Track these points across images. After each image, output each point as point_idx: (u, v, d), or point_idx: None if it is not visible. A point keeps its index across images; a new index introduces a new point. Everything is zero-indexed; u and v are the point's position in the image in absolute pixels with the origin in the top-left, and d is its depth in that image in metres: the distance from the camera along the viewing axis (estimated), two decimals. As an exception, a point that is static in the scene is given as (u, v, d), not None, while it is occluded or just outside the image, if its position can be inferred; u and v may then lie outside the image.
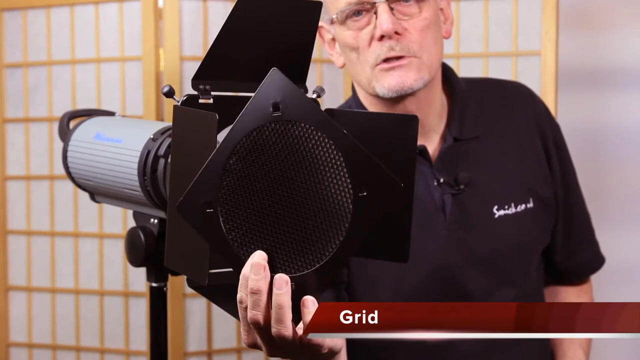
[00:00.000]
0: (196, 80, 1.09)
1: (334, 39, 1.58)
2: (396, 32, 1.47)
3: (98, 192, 1.25)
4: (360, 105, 1.58)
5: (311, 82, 1.15)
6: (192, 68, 2.35)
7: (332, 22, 1.54)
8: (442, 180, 1.54)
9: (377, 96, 1.52)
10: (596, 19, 2.68)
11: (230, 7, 1.13)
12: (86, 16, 2.46)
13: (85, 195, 1.28)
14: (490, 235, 1.56)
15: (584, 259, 1.71)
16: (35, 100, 2.52)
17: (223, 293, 1.12)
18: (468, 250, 1.55)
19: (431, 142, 1.57)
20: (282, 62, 1.14)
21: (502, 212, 1.56)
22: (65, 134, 1.28)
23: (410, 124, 1.17)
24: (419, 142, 1.53)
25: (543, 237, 1.63)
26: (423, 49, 1.49)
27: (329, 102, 2.42)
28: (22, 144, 2.54)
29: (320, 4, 1.13)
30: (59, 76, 2.49)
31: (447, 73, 1.63)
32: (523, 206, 1.58)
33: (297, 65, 1.15)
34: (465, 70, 2.36)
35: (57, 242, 2.53)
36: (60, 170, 1.28)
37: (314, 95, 1.17)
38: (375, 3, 1.46)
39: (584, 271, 1.73)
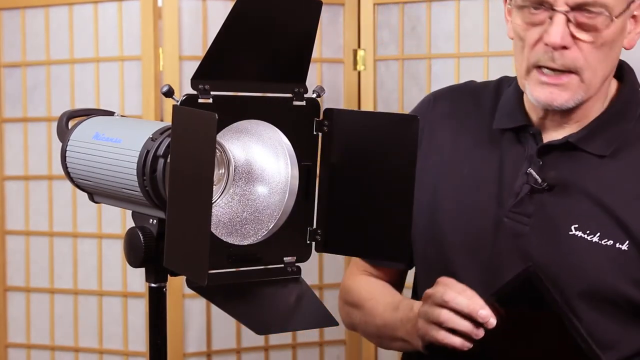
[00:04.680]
0: (195, 79, 1.08)
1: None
2: (563, 47, 1.37)
3: (97, 192, 1.24)
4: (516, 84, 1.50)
5: (311, 82, 1.15)
6: (191, 68, 2.34)
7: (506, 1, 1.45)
8: (532, 170, 1.44)
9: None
10: (596, 18, 2.67)
11: (230, 6, 1.12)
12: (85, 16, 2.45)
13: (84, 196, 1.28)
14: (555, 247, 1.43)
15: None
16: (34, 100, 2.52)
17: (222, 293, 1.12)
18: (522, 249, 1.44)
19: (555, 132, 1.48)
20: (282, 61, 1.14)
21: (579, 233, 1.42)
22: (64, 133, 1.27)
23: (411, 124, 1.16)
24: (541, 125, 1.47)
25: (633, 290, 1.44)
26: (587, 67, 1.39)
27: (329, 102, 2.42)
28: (20, 144, 2.53)
29: (321, 3, 1.13)
30: (57, 76, 2.49)
31: (627, 79, 1.50)
32: (610, 242, 1.41)
33: (297, 65, 1.14)
34: (465, 70, 2.35)
35: (56, 242, 2.52)
36: (59, 170, 1.28)
37: (314, 95, 1.16)
38: (554, 9, 1.36)
39: None
